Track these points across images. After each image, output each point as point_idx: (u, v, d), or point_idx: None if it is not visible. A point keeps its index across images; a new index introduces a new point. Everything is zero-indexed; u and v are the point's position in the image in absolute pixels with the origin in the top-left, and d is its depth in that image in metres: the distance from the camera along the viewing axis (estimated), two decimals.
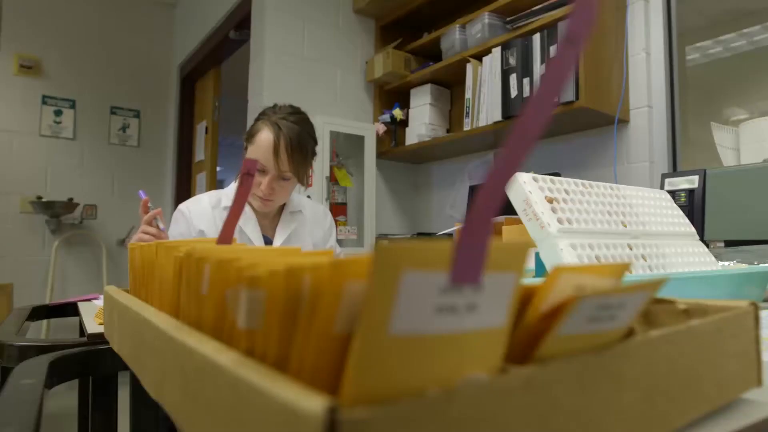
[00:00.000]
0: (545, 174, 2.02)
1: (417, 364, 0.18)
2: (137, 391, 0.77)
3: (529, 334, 0.22)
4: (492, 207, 0.17)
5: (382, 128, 2.62)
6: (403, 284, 0.16)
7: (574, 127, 2.04)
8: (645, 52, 1.92)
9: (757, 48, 3.45)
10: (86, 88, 3.57)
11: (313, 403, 0.16)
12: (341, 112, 2.61)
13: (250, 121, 2.50)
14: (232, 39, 2.98)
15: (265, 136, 1.30)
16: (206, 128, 3.45)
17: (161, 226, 1.19)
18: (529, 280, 0.23)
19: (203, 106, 3.55)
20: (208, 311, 0.29)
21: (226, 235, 0.41)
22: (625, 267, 0.26)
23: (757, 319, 0.37)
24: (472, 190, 2.33)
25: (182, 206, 1.38)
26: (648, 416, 0.27)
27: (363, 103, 2.72)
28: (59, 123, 3.45)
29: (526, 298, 0.23)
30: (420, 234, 2.34)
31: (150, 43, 3.88)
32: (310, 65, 2.55)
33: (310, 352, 0.20)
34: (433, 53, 2.53)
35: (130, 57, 3.78)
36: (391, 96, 2.73)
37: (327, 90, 2.60)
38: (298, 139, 1.30)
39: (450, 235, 1.53)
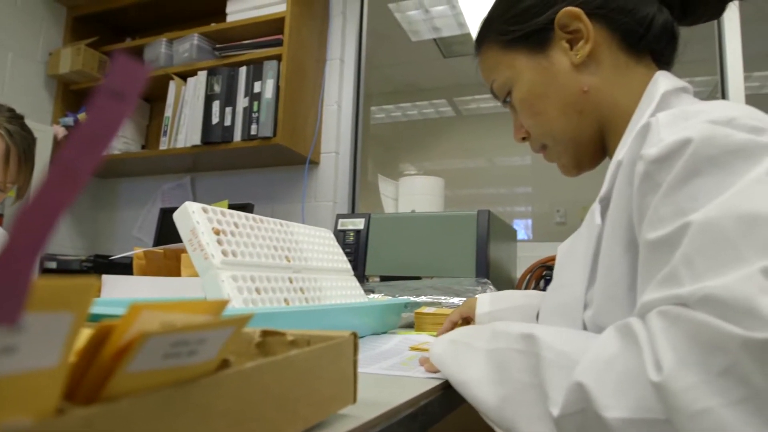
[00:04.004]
0: (239, 204, 2.04)
1: None
2: None
3: (103, 373, 0.22)
4: (33, 246, 0.16)
5: (62, 132, 2.28)
6: None
7: (271, 161, 2.14)
8: (337, 104, 2.16)
9: (425, 119, 4.25)
10: None
11: None
12: (9, 105, 2.18)
13: None
14: None
15: None
16: None
17: None
18: (111, 317, 0.23)
19: None
20: None
21: None
22: (224, 303, 0.28)
23: (355, 347, 0.44)
24: (164, 212, 2.22)
25: None
26: None
27: (41, 99, 2.34)
28: None
29: (106, 335, 0.23)
30: (98, 256, 2.09)
31: None
32: None
33: None
34: None
35: None
36: (79, 97, 2.42)
37: None
38: (30, 150, 1.20)
39: (128, 258, 1.42)
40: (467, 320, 0.87)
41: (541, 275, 1.49)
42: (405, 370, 0.60)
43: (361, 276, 1.45)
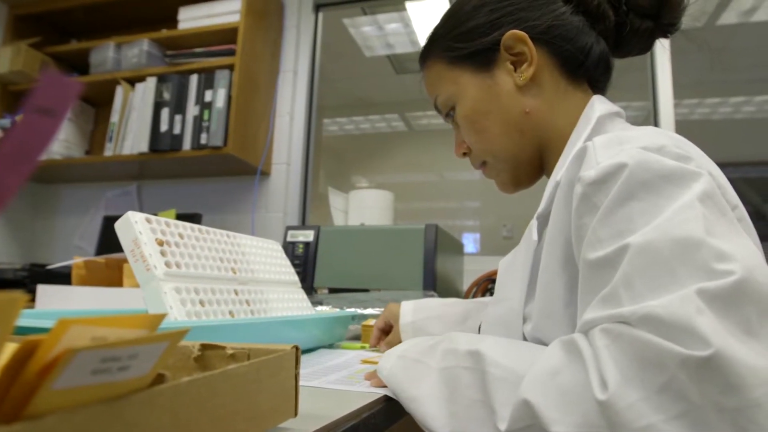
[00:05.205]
0: (187, 213, 1.99)
1: None
2: None
3: (27, 390, 0.22)
4: None
5: None
6: None
7: (221, 171, 2.11)
8: (289, 115, 2.16)
9: (378, 133, 4.28)
10: None
11: None
12: None
13: None
14: None
15: None
16: None
17: None
18: (36, 330, 0.23)
19: None
20: None
21: None
22: (161, 317, 0.28)
23: (297, 360, 0.44)
24: (108, 221, 2.14)
25: None
26: None
27: None
28: None
29: (32, 350, 0.22)
30: (35, 265, 1.99)
31: None
32: None
33: None
34: (79, 64, 2.27)
35: None
36: (18, 99, 2.30)
37: None
38: None
39: (67, 268, 1.36)
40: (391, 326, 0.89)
41: (487, 288, 1.52)
42: (350, 384, 0.60)
43: (309, 288, 1.45)
